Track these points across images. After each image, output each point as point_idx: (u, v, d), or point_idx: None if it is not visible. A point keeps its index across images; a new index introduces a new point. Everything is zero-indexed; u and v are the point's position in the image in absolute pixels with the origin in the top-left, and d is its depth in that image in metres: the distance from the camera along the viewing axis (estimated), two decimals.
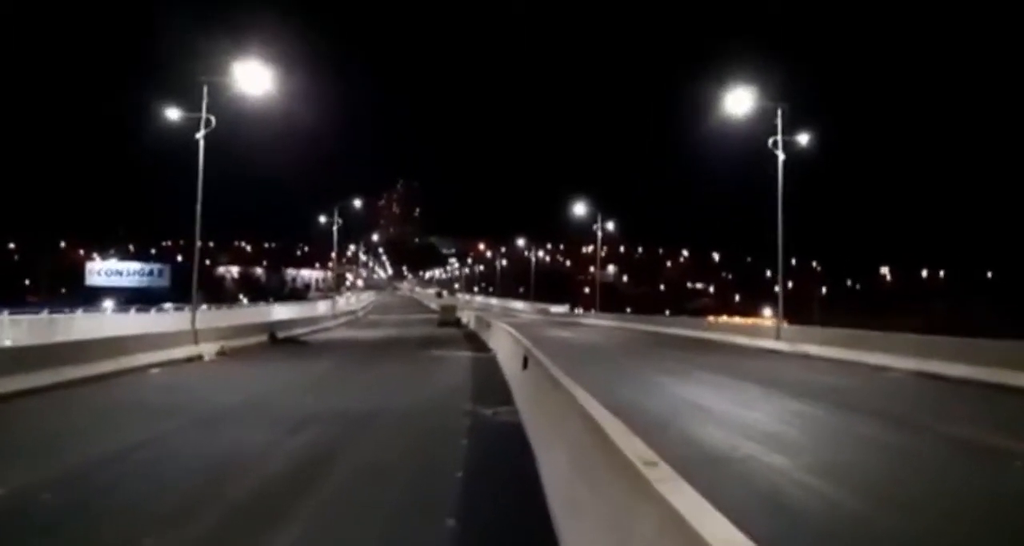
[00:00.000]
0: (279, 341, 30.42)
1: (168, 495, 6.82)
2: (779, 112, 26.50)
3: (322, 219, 56.23)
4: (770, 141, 26.59)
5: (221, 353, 23.81)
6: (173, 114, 23.86)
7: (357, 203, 60.79)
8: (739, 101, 26.46)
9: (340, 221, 55.52)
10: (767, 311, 54.42)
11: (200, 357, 22.47)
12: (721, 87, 27.84)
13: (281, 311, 45.26)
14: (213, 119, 23.63)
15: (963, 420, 11.60)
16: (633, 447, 4.17)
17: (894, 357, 19.51)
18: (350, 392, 15.08)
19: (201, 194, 23.71)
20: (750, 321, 49.18)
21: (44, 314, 23.89)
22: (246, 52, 24.83)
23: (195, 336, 23.38)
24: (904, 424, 11.28)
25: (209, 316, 33.35)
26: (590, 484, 4.97)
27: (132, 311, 29.78)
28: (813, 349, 23.43)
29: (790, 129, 26.71)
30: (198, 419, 11.28)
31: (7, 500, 6.63)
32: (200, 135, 23.58)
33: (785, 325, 27.07)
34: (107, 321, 26.63)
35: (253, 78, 24.28)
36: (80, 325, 24.28)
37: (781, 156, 26.54)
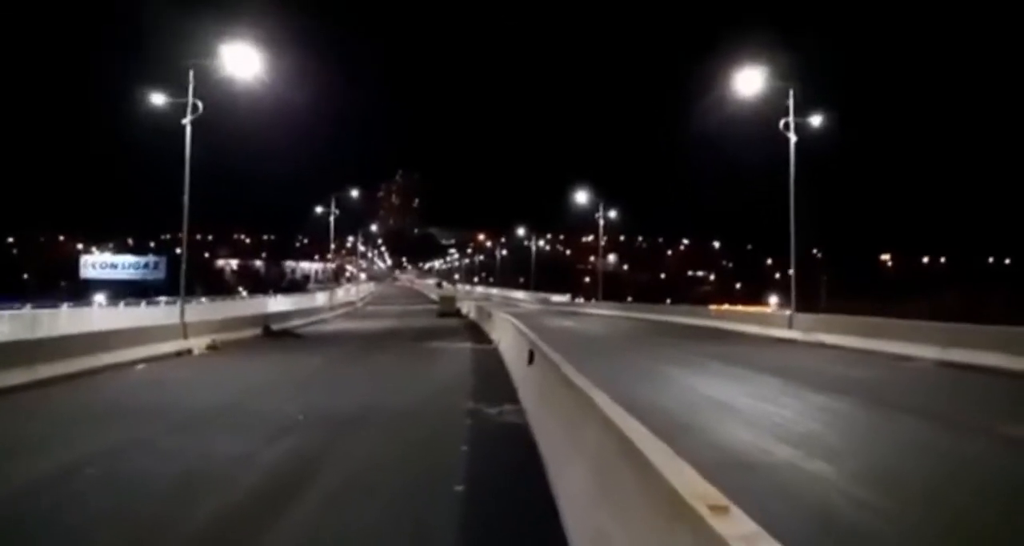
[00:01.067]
0: (273, 334, 29.45)
1: (109, 527, 5.79)
2: (790, 93, 25.43)
3: (319, 209, 55.13)
4: (781, 123, 25.54)
5: (211, 347, 22.85)
6: (158, 99, 22.75)
7: (354, 193, 59.72)
8: (749, 81, 25.37)
9: (337, 212, 54.49)
10: (772, 299, 53.49)
11: (189, 351, 21.51)
12: (726, 70, 26.81)
13: (277, 303, 44.31)
14: (200, 104, 22.58)
15: (1015, 417, 10.58)
16: (686, 480, 3.17)
17: (915, 346, 18.53)
18: (341, 389, 14.09)
19: (188, 183, 22.71)
20: (753, 309, 48.21)
21: (27, 309, 22.89)
22: (241, 35, 23.66)
23: (184, 330, 22.42)
24: (950, 423, 10.26)
25: (201, 309, 32.41)
26: (622, 518, 3.98)
27: (121, 305, 28.78)
28: (828, 338, 22.44)
29: (798, 112, 25.65)
30: (172, 424, 10.28)
31: None
32: (187, 121, 22.54)
33: (794, 313, 26.06)
34: (94, 315, 25.67)
35: (242, 61, 23.17)
36: (65, 320, 23.32)
37: (793, 138, 25.49)
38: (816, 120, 25.66)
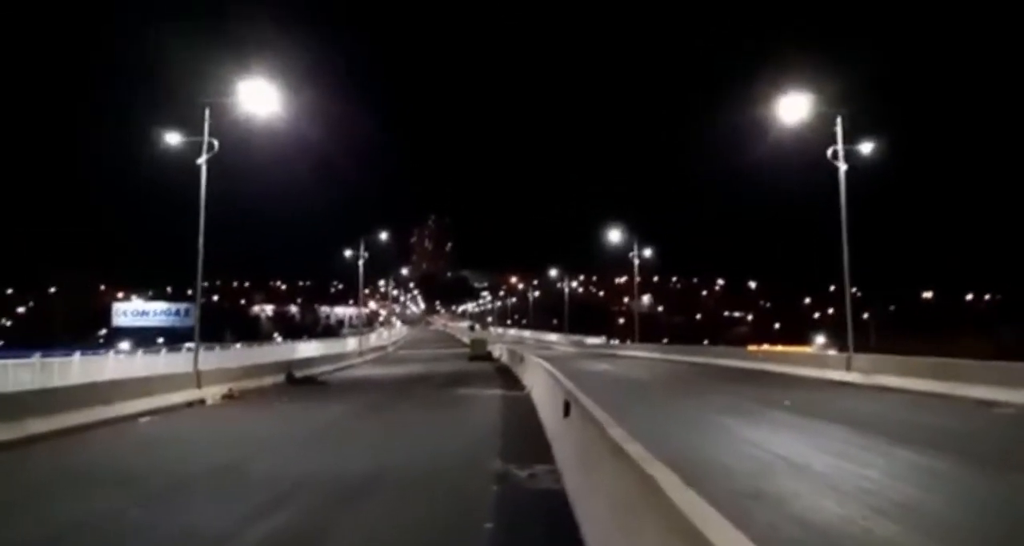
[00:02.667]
0: (296, 381, 28.17)
1: None
2: (838, 120, 23.85)
3: (347, 253, 54.29)
4: (829, 151, 23.93)
5: (228, 396, 21.59)
6: (173, 139, 21.92)
7: (383, 236, 58.89)
8: (793, 108, 23.85)
9: (366, 254, 53.56)
10: (819, 339, 51.02)
11: (202, 402, 20.26)
12: (762, 100, 25.40)
13: (305, 348, 43.16)
14: (216, 143, 21.69)
15: None
16: None
17: (999, 389, 16.52)
18: (356, 446, 12.58)
19: (203, 225, 21.76)
20: (794, 349, 45.87)
21: (35, 357, 21.80)
22: (263, 75, 22.89)
23: (197, 378, 21.20)
24: None
25: (223, 355, 31.29)
26: None
27: (139, 353, 27.69)
28: (892, 380, 20.42)
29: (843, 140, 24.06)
30: (153, 491, 8.85)
31: None
32: (202, 160, 21.66)
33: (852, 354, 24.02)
34: (108, 364, 24.53)
35: (265, 99, 22.41)
36: (77, 369, 22.20)
37: (843, 167, 23.85)
38: (866, 148, 23.99)
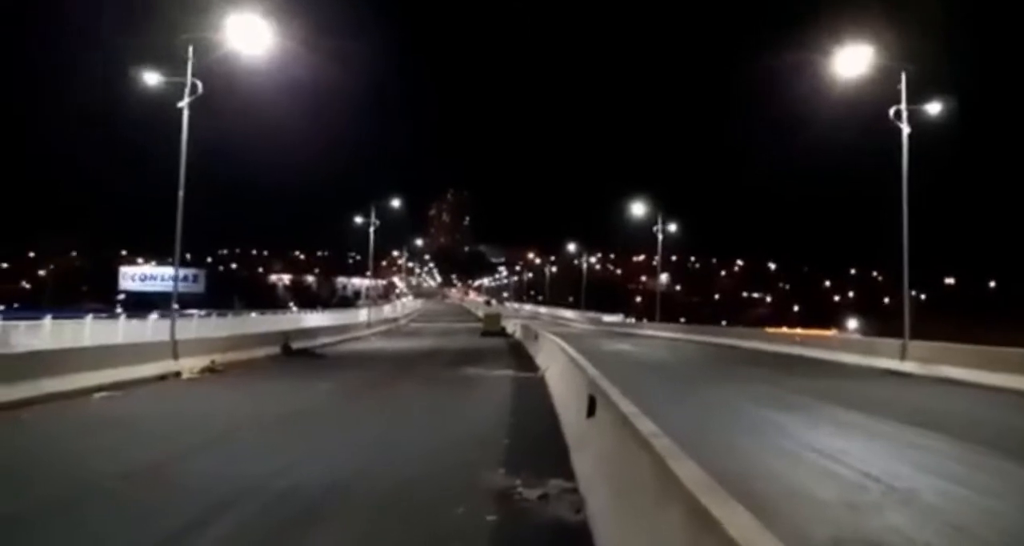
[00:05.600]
0: (293, 353, 26.08)
1: None
2: (903, 76, 21.06)
3: (359, 219, 51.97)
4: (891, 111, 21.18)
5: (209, 369, 19.45)
6: (152, 79, 19.54)
7: (396, 203, 56.41)
8: (853, 60, 21.04)
9: (377, 222, 51.26)
10: (851, 323, 48.15)
11: (178, 375, 18.14)
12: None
13: (308, 319, 41.00)
14: (200, 84, 19.32)
15: None
16: None
17: None
18: (331, 438, 10.29)
19: (184, 173, 19.50)
20: (815, 332, 43.17)
21: None
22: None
23: (175, 348, 19.06)
24: None
25: (217, 323, 29.19)
26: None
27: (121, 319, 25.58)
28: (956, 372, 17.89)
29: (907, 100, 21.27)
30: (48, 497, 6.65)
31: None
32: (184, 103, 19.32)
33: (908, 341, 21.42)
34: (86, 330, 22.41)
35: (249, 38, 19.84)
36: (47, 335, 20.13)
37: (906, 129, 21.10)
38: (934, 108, 21.22)
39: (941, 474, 8.04)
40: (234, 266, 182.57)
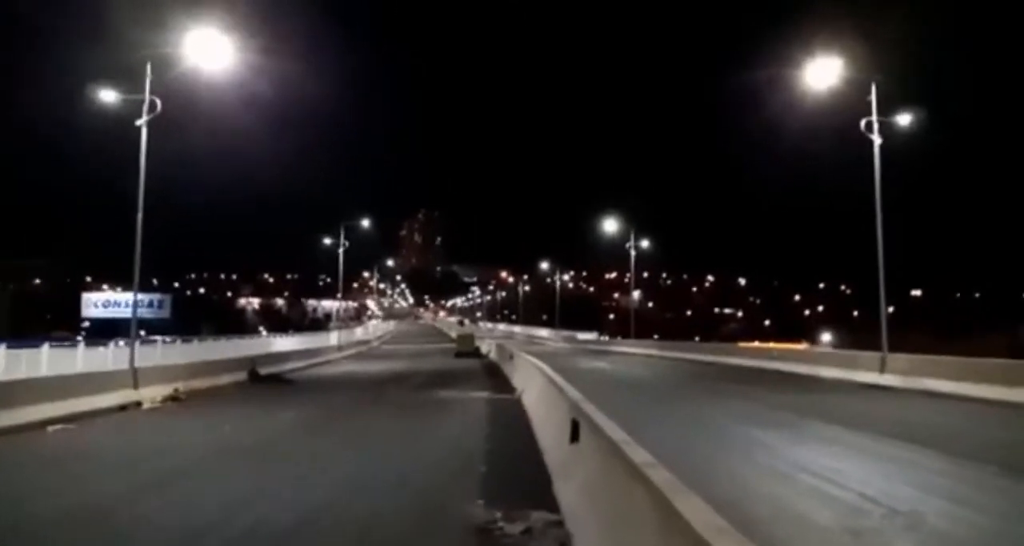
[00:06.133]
0: (260, 378, 25.26)
1: None
2: (873, 87, 21.09)
3: (327, 241, 51.28)
4: (863, 123, 21.16)
5: (172, 398, 18.66)
6: (109, 97, 18.86)
7: (365, 223, 55.74)
8: (823, 72, 21.02)
9: (347, 243, 50.61)
10: (825, 337, 48.33)
11: (139, 404, 17.32)
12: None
13: (277, 343, 40.04)
14: (159, 101, 18.69)
15: None
16: None
17: None
18: (291, 473, 9.61)
19: (143, 192, 18.82)
20: (785, 346, 43.21)
21: None
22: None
23: (135, 377, 18.24)
24: None
25: (181, 350, 28.23)
26: None
27: (80, 347, 24.57)
28: (941, 385, 17.66)
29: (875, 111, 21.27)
30: None
31: None
32: (142, 121, 18.67)
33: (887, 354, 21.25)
34: (43, 359, 21.43)
35: (210, 54, 19.27)
36: None
37: (877, 140, 21.08)
38: (904, 119, 21.25)
39: (943, 495, 7.66)
40: (202, 291, 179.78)
